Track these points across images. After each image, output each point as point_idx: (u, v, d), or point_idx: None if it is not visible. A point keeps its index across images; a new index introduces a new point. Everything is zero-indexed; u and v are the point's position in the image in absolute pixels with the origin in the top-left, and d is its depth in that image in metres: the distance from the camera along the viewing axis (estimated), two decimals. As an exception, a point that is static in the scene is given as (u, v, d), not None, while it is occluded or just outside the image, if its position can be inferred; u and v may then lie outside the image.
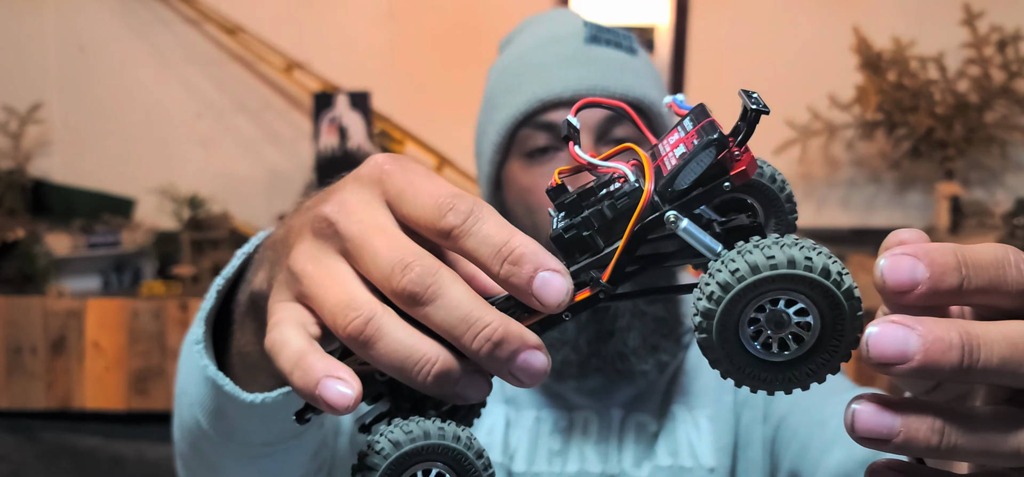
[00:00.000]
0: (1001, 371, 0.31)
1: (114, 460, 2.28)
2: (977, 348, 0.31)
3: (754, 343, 0.34)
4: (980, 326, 0.32)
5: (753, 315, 0.33)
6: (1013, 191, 2.56)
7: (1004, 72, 2.43)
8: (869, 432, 0.32)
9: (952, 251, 0.32)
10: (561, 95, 0.88)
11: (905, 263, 0.32)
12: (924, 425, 0.31)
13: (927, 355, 0.31)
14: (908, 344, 0.31)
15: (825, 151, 2.65)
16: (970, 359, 0.31)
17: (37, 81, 2.75)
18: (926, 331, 0.31)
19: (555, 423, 0.91)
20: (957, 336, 0.31)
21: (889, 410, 0.32)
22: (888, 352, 0.31)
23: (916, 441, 0.31)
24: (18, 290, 2.34)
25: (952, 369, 0.31)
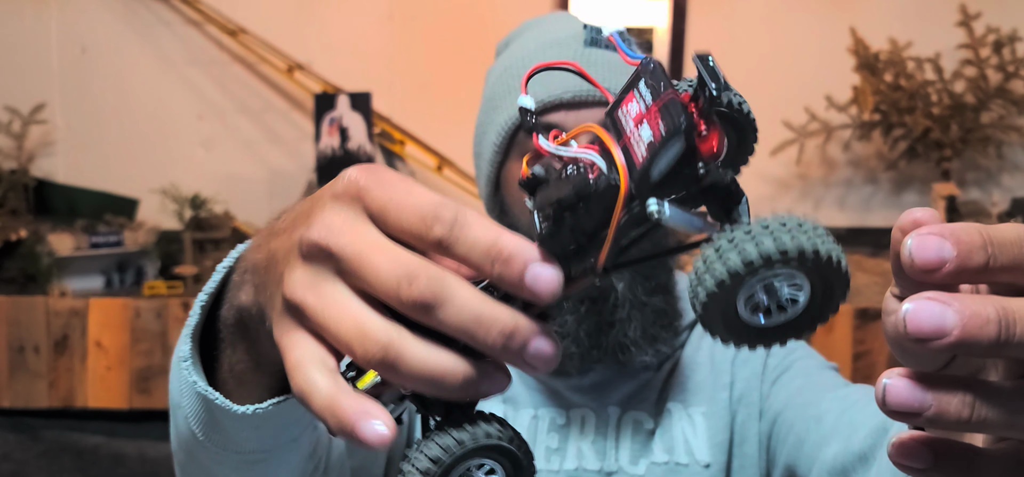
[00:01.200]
0: None
1: (116, 459, 2.29)
2: (1014, 322, 0.31)
3: (753, 315, 0.35)
4: (1014, 301, 0.32)
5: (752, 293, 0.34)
6: (1009, 191, 2.57)
7: (1000, 73, 2.44)
8: (901, 406, 0.32)
9: (977, 230, 0.33)
10: (561, 97, 0.89)
11: (932, 242, 0.33)
12: (955, 399, 0.32)
13: (965, 330, 0.31)
14: (945, 320, 0.31)
15: (822, 152, 2.66)
16: (1007, 333, 0.31)
17: (40, 82, 2.76)
18: (963, 307, 0.31)
19: (552, 421, 0.92)
20: (994, 311, 0.31)
21: (921, 385, 0.32)
22: (926, 328, 0.31)
23: (947, 414, 0.32)
24: (21, 289, 2.35)
25: (989, 343, 0.31)
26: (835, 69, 2.53)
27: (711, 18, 2.68)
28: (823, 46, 2.62)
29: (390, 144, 2.56)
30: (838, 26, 2.54)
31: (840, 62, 2.51)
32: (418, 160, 2.56)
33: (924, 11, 2.61)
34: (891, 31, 2.52)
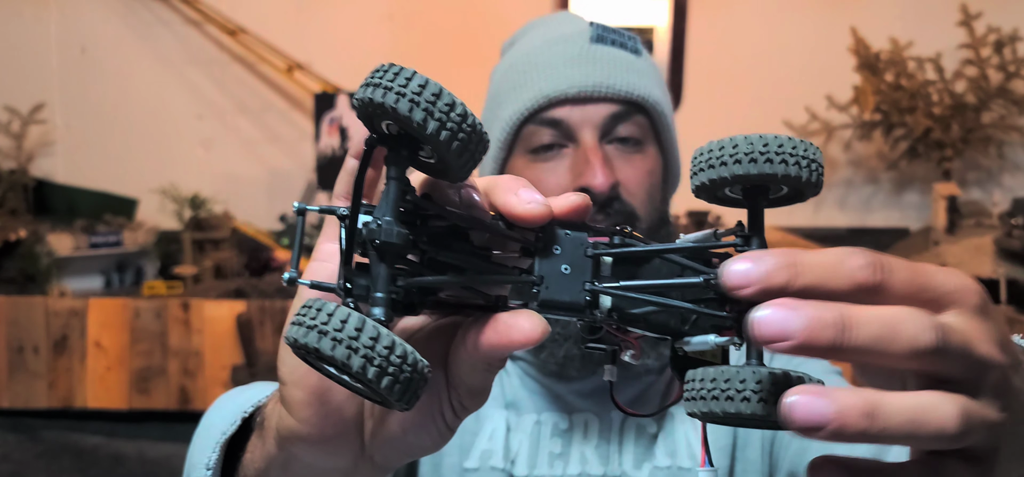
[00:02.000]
0: (872, 349, 0.34)
1: (116, 459, 2.29)
2: (851, 326, 0.34)
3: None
4: (856, 307, 0.34)
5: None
6: (1010, 191, 2.57)
7: (1001, 73, 2.44)
8: (806, 421, 0.33)
9: (785, 255, 0.35)
10: (566, 92, 0.89)
11: (739, 265, 0.35)
12: (855, 410, 0.33)
13: (807, 332, 0.33)
14: (789, 323, 0.33)
15: (823, 151, 2.66)
16: (844, 337, 0.34)
17: (39, 82, 2.76)
18: (808, 311, 0.34)
19: (555, 426, 0.91)
20: (831, 315, 0.34)
21: (823, 397, 0.33)
22: (771, 332, 0.33)
23: (849, 426, 0.33)
24: (20, 290, 2.34)
25: (828, 345, 0.33)
26: (836, 69, 2.53)
27: (711, 18, 2.68)
28: (824, 46, 2.62)
29: (390, 144, 2.56)
30: (839, 26, 2.54)
31: (841, 62, 2.51)
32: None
33: (925, 11, 2.61)
34: (892, 31, 2.52)
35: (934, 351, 0.35)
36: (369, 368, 0.34)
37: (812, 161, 0.37)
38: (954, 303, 0.37)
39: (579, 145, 0.89)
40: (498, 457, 0.89)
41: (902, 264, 0.37)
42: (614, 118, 0.89)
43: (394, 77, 0.37)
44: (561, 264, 0.41)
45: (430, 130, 0.36)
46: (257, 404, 0.62)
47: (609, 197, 0.87)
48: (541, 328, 0.41)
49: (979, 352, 0.36)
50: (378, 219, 0.37)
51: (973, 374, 0.37)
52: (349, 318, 0.34)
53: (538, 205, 0.41)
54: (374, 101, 0.36)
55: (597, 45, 0.91)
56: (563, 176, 0.89)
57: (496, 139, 0.93)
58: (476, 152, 0.38)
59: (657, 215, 0.92)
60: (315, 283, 0.41)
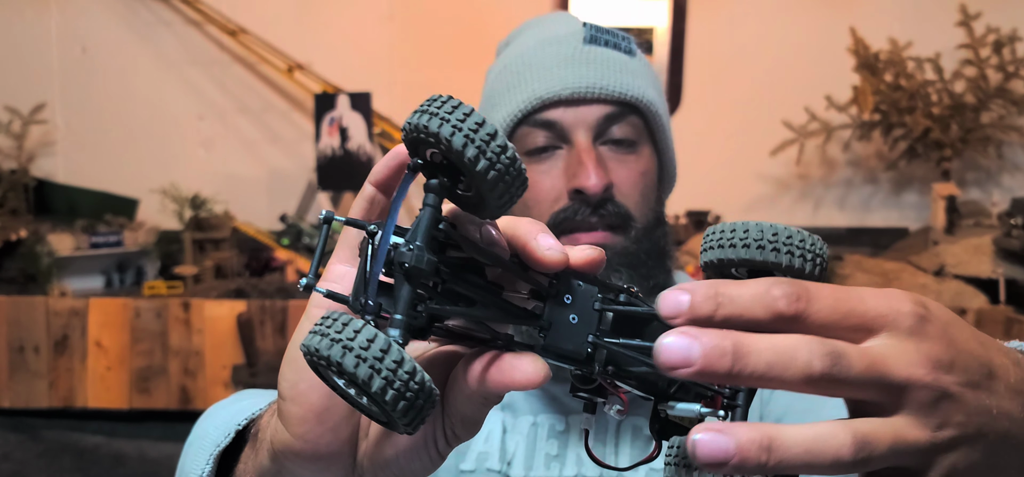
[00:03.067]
0: (766, 376, 0.35)
1: (116, 458, 2.29)
2: (746, 354, 0.35)
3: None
4: (751, 336, 0.36)
5: None
6: (1009, 191, 2.57)
7: (1000, 73, 2.44)
8: (709, 457, 0.35)
9: (712, 290, 0.37)
10: (560, 93, 0.89)
11: (672, 297, 0.37)
12: (754, 444, 0.35)
13: (705, 359, 0.35)
14: (690, 351, 0.35)
15: (822, 152, 2.66)
16: (740, 364, 0.35)
17: (40, 82, 2.77)
18: (706, 339, 0.35)
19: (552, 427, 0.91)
20: (729, 344, 0.35)
21: (723, 434, 0.35)
22: (674, 358, 0.35)
23: (749, 460, 0.35)
24: (21, 289, 2.35)
25: (725, 372, 0.35)
26: (835, 69, 2.53)
27: (711, 18, 2.68)
28: (823, 46, 2.62)
29: (390, 144, 2.56)
30: (838, 26, 2.54)
31: (840, 62, 2.51)
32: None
33: (924, 11, 2.61)
34: (891, 31, 2.52)
35: (829, 378, 0.36)
36: (388, 390, 0.35)
37: (816, 256, 0.39)
38: (883, 327, 0.38)
39: (573, 146, 0.89)
40: (494, 459, 0.89)
41: (827, 292, 0.37)
42: (608, 119, 0.89)
43: (452, 109, 0.37)
44: (570, 313, 0.42)
45: (480, 168, 0.37)
46: (251, 416, 0.63)
47: (602, 198, 0.87)
48: (543, 372, 0.41)
49: (893, 375, 0.37)
50: (410, 244, 0.38)
51: (889, 397, 0.37)
52: (376, 338, 0.35)
53: (557, 253, 0.42)
54: (429, 129, 0.37)
55: (590, 46, 0.91)
56: (557, 178, 0.89)
57: (491, 141, 0.93)
58: (515, 193, 0.39)
59: (652, 216, 0.92)
60: (330, 293, 0.42)
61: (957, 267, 2.17)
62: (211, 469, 0.62)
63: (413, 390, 0.35)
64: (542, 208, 0.89)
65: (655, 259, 0.90)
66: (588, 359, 0.42)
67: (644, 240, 0.89)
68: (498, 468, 0.89)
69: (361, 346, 0.35)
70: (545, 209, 0.89)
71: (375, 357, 0.34)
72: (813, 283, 0.37)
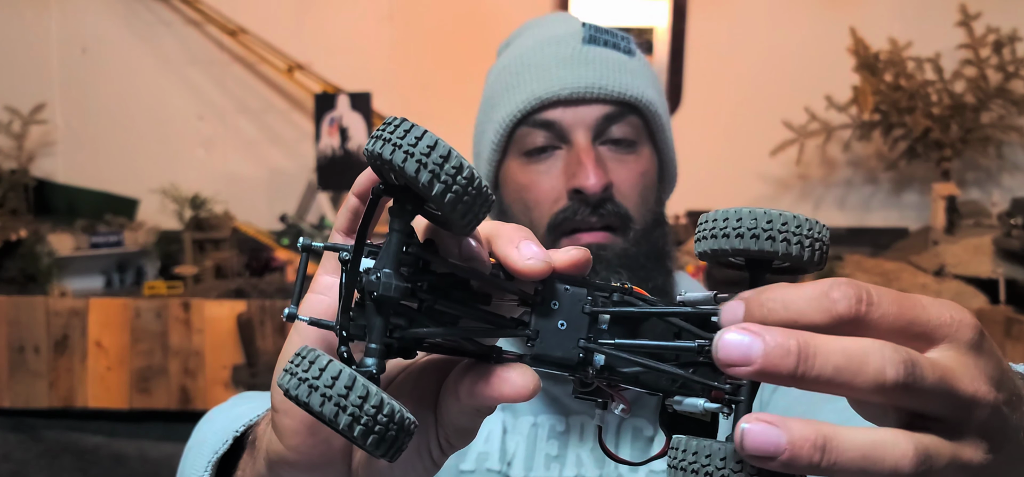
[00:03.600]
0: (834, 380, 0.34)
1: (116, 458, 2.29)
2: (813, 356, 0.34)
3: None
4: (819, 337, 0.34)
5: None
6: (1009, 191, 2.57)
7: (1000, 73, 2.44)
8: (758, 449, 0.33)
9: (767, 297, 0.36)
10: (559, 94, 0.89)
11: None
12: (808, 442, 0.33)
13: (767, 359, 0.33)
14: (752, 349, 0.33)
15: (822, 152, 2.66)
16: (805, 366, 0.33)
17: (40, 82, 2.77)
18: (769, 338, 0.33)
19: (552, 428, 0.91)
20: (795, 343, 0.33)
21: (776, 426, 0.33)
22: (734, 355, 0.33)
23: (800, 458, 0.33)
24: (21, 289, 2.35)
25: (788, 373, 0.33)
26: (835, 69, 2.53)
27: (711, 18, 2.68)
28: (823, 46, 2.62)
29: (390, 144, 2.56)
30: (838, 26, 2.54)
31: (840, 62, 2.51)
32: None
33: (924, 11, 2.61)
34: (891, 31, 2.52)
35: (902, 386, 0.34)
36: (355, 426, 0.35)
37: (815, 241, 0.38)
38: (945, 338, 0.36)
39: (572, 146, 0.89)
40: (494, 459, 0.89)
41: (891, 296, 0.36)
42: (607, 119, 0.89)
43: (404, 134, 0.37)
44: (558, 319, 0.42)
45: (435, 192, 0.36)
46: (248, 423, 0.63)
47: (602, 198, 0.87)
48: (533, 384, 0.41)
49: (961, 390, 0.35)
50: (378, 271, 0.38)
51: (953, 412, 0.36)
52: (340, 375, 0.35)
53: (538, 261, 0.41)
54: (382, 157, 0.37)
55: (589, 46, 0.91)
56: (556, 178, 0.89)
57: (490, 141, 0.93)
58: (479, 212, 0.38)
59: (651, 216, 0.92)
60: (314, 320, 0.42)
61: (957, 267, 2.17)
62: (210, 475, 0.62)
63: (381, 424, 0.35)
64: (542, 208, 0.90)
65: (654, 260, 0.90)
66: (581, 364, 0.41)
67: (643, 241, 0.89)
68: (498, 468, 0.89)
69: (326, 384, 0.35)
70: (545, 209, 0.89)
71: (339, 394, 0.35)
72: (874, 286, 0.36)
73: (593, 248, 0.87)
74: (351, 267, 0.39)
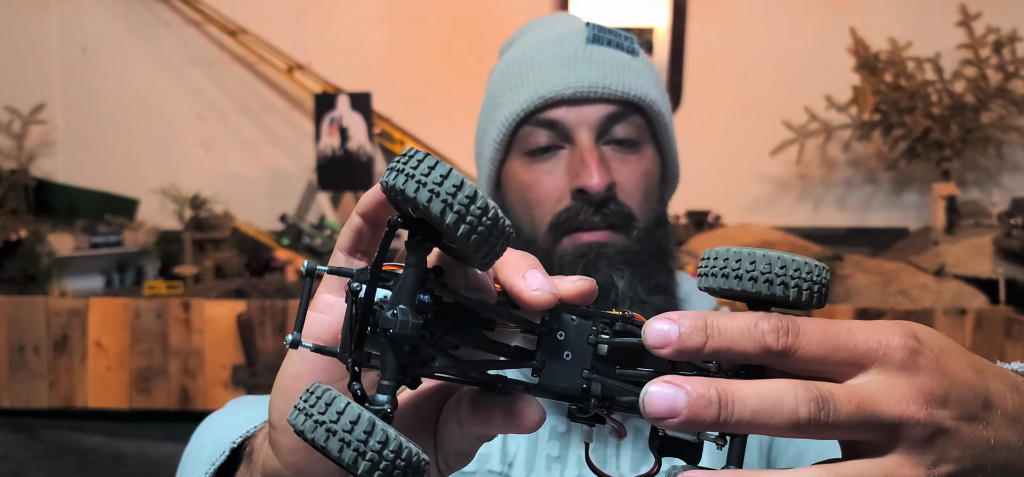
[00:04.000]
0: (753, 423, 0.35)
1: (116, 458, 2.29)
2: (731, 402, 0.35)
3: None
4: (737, 384, 0.35)
5: None
6: (1009, 191, 2.57)
7: (1000, 73, 2.44)
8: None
9: (702, 317, 0.37)
10: (562, 93, 0.89)
11: (659, 325, 0.37)
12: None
13: (691, 409, 0.34)
14: (676, 401, 0.35)
15: (822, 152, 2.66)
16: (726, 413, 0.35)
17: (40, 82, 2.77)
18: (692, 389, 0.35)
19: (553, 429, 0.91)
20: (715, 393, 0.35)
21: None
22: (660, 409, 0.35)
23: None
24: (21, 289, 2.35)
25: (712, 421, 0.35)
26: (835, 69, 2.53)
27: (711, 18, 2.68)
28: (823, 46, 2.62)
29: (390, 144, 2.56)
30: (838, 26, 2.55)
31: (840, 62, 2.51)
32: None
33: (924, 11, 2.61)
34: (891, 31, 2.53)
35: (815, 423, 0.35)
36: (375, 472, 0.34)
37: (820, 286, 0.38)
38: (874, 361, 0.37)
39: (575, 146, 0.89)
40: (495, 460, 0.89)
41: (816, 327, 0.37)
42: (610, 119, 0.89)
43: (429, 170, 0.36)
44: (564, 350, 0.41)
45: (461, 233, 0.36)
46: (245, 435, 0.63)
47: (605, 198, 0.87)
48: (538, 417, 0.41)
49: (884, 413, 0.35)
50: (395, 308, 0.37)
51: (881, 436, 0.36)
52: (359, 419, 0.34)
53: (544, 293, 0.40)
54: (405, 194, 0.36)
55: (593, 46, 0.91)
56: (560, 178, 0.89)
57: (492, 140, 0.93)
58: (499, 248, 0.38)
59: (654, 216, 0.92)
60: (318, 347, 0.41)
61: (957, 267, 2.17)
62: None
63: (400, 468, 0.35)
64: (544, 208, 0.89)
65: (656, 259, 0.90)
66: (584, 394, 0.41)
67: (646, 240, 0.89)
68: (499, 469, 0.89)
69: (344, 429, 0.34)
70: (548, 209, 0.89)
71: (359, 440, 0.34)
72: (802, 318, 0.37)
73: (595, 246, 0.87)
74: (366, 299, 0.38)
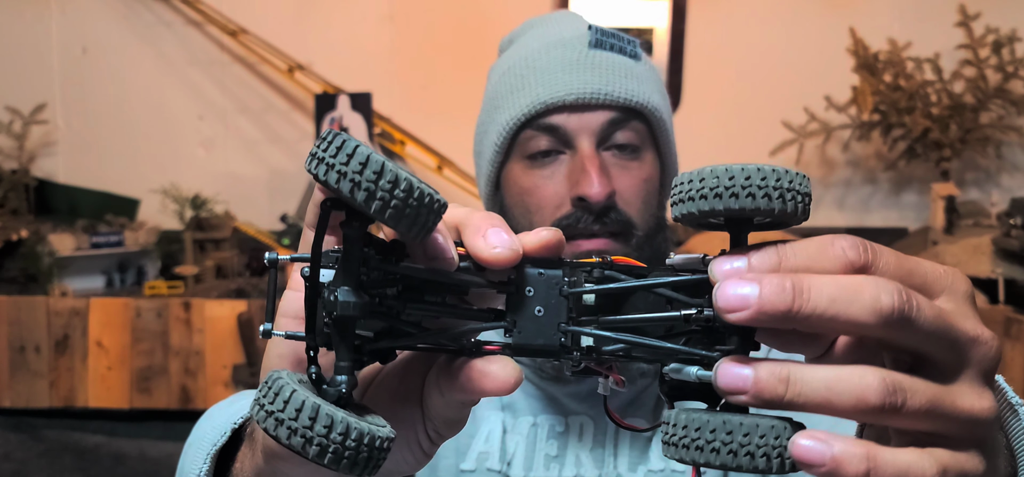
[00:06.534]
0: (829, 312, 0.34)
1: (117, 458, 2.29)
2: (807, 289, 0.34)
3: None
4: (813, 276, 0.35)
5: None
6: (1008, 191, 2.58)
7: (999, 73, 2.44)
8: (727, 386, 0.34)
9: (775, 251, 0.36)
10: (564, 98, 0.89)
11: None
12: (772, 376, 0.34)
13: (763, 299, 0.33)
14: (749, 292, 0.34)
15: (821, 152, 2.67)
16: (800, 301, 0.34)
17: (41, 82, 2.77)
18: (765, 280, 0.34)
19: (551, 429, 0.92)
20: (789, 282, 0.34)
21: (743, 364, 0.34)
22: (732, 301, 0.34)
23: (765, 392, 0.34)
24: (22, 289, 2.35)
25: (785, 310, 0.34)
26: (834, 69, 2.54)
27: (710, 18, 2.69)
28: (822, 46, 2.62)
29: (390, 144, 2.57)
30: (837, 26, 2.55)
31: (839, 62, 2.52)
32: (418, 160, 2.57)
33: (923, 11, 2.62)
34: (890, 31, 2.53)
35: (899, 318, 0.34)
36: (325, 455, 0.35)
37: (797, 192, 0.36)
38: (942, 290, 0.37)
39: (576, 152, 0.89)
40: (494, 459, 0.90)
41: (888, 250, 0.37)
42: (612, 124, 0.89)
43: (336, 152, 0.36)
44: (534, 306, 0.40)
45: (374, 210, 0.35)
46: (246, 416, 0.63)
47: (605, 206, 0.87)
48: (514, 376, 0.40)
49: (960, 329, 0.36)
50: (335, 290, 0.37)
51: (951, 355, 0.36)
52: (303, 406, 0.35)
53: (504, 248, 0.40)
54: (318, 177, 0.36)
55: (595, 50, 0.91)
56: (560, 184, 0.89)
57: (492, 143, 0.93)
58: (425, 221, 0.37)
59: (654, 221, 0.92)
60: (290, 334, 0.42)
61: (956, 267, 2.18)
62: (209, 468, 0.62)
63: (350, 449, 0.35)
64: (545, 213, 0.89)
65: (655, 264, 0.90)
66: (564, 349, 0.40)
67: (645, 246, 0.90)
68: (498, 468, 0.89)
69: (290, 417, 0.35)
70: (547, 214, 0.89)
71: (305, 426, 0.35)
72: (871, 242, 0.36)
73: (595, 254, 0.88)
74: (311, 283, 0.38)
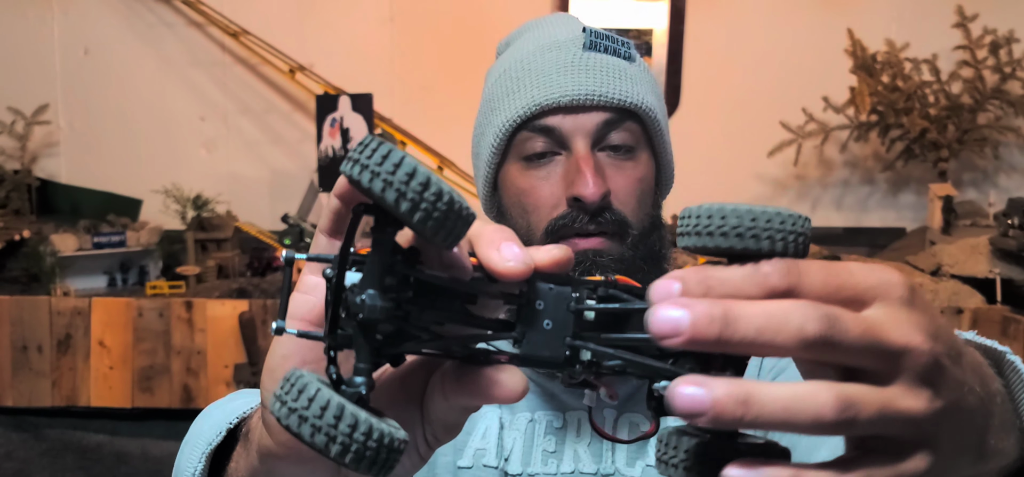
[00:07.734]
0: (758, 341, 0.35)
1: (119, 457, 2.30)
2: (736, 320, 0.34)
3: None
4: (742, 303, 0.35)
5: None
6: (1006, 191, 2.58)
7: (997, 74, 2.45)
8: (685, 409, 0.34)
9: (701, 275, 0.37)
10: (559, 100, 0.89)
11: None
12: (730, 398, 0.34)
13: (694, 327, 0.34)
14: (680, 320, 0.34)
15: (819, 152, 2.67)
16: (729, 330, 0.34)
17: (43, 83, 2.78)
18: (696, 307, 0.34)
19: (549, 424, 0.92)
20: (719, 310, 0.34)
21: (702, 387, 0.34)
22: (665, 328, 0.34)
23: (725, 414, 0.34)
24: (24, 289, 2.36)
25: (715, 338, 0.34)
26: (832, 70, 2.54)
27: (709, 20, 2.69)
28: (820, 47, 2.63)
29: (391, 145, 2.58)
30: (835, 27, 2.56)
31: (837, 63, 2.52)
32: (419, 160, 2.58)
33: (921, 13, 2.62)
34: (888, 32, 2.54)
35: (823, 340, 0.35)
36: (347, 454, 0.36)
37: (799, 235, 0.38)
38: (875, 298, 0.37)
39: (571, 153, 0.90)
40: (492, 455, 0.90)
41: (817, 266, 0.37)
42: (606, 125, 0.90)
43: (382, 160, 0.37)
44: (543, 319, 0.41)
45: (416, 220, 0.36)
46: (242, 415, 0.64)
47: (600, 206, 0.88)
48: (521, 386, 0.41)
49: (889, 340, 0.36)
50: (363, 293, 0.37)
51: (885, 364, 0.37)
52: (328, 405, 0.35)
53: (518, 262, 0.41)
54: (360, 183, 0.37)
55: (590, 53, 0.92)
56: (556, 184, 0.90)
57: (489, 144, 0.94)
58: (455, 228, 0.38)
59: (648, 220, 0.93)
60: (302, 333, 0.42)
61: (954, 267, 2.18)
62: (204, 467, 0.63)
63: (371, 449, 0.36)
64: (540, 214, 0.90)
65: (651, 263, 0.91)
66: (568, 362, 0.41)
67: (640, 246, 0.90)
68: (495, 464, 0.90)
69: (315, 415, 0.35)
70: (543, 215, 0.90)
71: (329, 425, 0.35)
72: (802, 260, 0.37)
73: (590, 254, 0.88)
74: (336, 285, 0.38)
